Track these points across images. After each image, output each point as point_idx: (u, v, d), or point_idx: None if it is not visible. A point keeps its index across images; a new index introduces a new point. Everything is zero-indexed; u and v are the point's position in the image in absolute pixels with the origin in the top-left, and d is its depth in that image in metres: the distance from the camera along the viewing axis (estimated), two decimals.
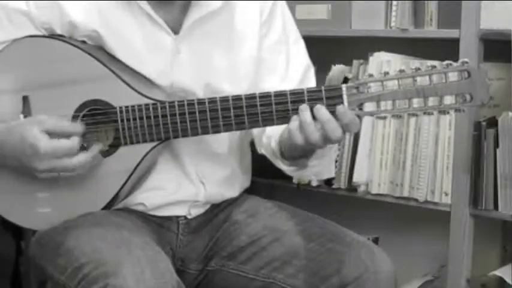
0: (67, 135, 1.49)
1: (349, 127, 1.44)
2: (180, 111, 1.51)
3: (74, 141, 1.49)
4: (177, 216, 1.67)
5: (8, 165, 1.55)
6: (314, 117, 1.44)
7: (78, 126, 1.52)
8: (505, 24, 2.05)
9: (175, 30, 1.59)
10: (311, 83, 1.72)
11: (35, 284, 2.48)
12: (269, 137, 1.63)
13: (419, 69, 1.43)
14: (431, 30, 2.24)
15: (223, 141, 1.66)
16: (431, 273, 2.39)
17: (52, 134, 1.49)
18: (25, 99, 1.57)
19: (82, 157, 1.50)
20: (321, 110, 1.44)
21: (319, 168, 1.61)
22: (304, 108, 1.45)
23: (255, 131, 1.67)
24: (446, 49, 2.12)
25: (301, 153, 1.52)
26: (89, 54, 1.55)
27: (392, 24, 2.28)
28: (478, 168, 2.10)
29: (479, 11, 2.09)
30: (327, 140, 1.44)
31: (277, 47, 1.68)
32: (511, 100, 2.08)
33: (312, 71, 1.74)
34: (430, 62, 2.16)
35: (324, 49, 2.26)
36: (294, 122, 1.46)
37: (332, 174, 1.77)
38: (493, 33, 2.07)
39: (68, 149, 1.48)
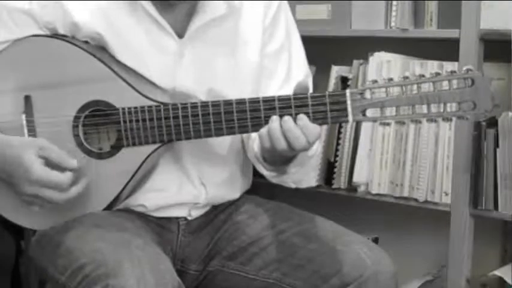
0: (62, 169, 1.49)
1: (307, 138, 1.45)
2: (183, 113, 1.50)
3: (67, 177, 1.49)
4: (177, 218, 1.66)
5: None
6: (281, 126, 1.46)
7: (75, 163, 1.51)
8: (505, 24, 2.04)
9: (180, 35, 1.58)
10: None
11: (35, 284, 2.48)
12: (253, 140, 1.63)
13: (423, 76, 1.43)
14: (431, 30, 2.24)
15: (225, 143, 1.66)
16: (431, 273, 2.39)
17: (48, 162, 1.49)
18: (27, 99, 1.57)
19: (72, 192, 1.51)
20: (288, 122, 1.45)
21: (299, 176, 1.64)
22: (274, 119, 1.46)
23: (245, 136, 1.67)
24: (446, 49, 2.13)
25: (281, 157, 1.52)
26: (92, 55, 1.55)
27: (392, 24, 2.28)
28: (478, 168, 2.10)
29: (479, 11, 2.09)
30: (291, 147, 1.45)
31: (278, 55, 1.67)
32: (511, 100, 2.08)
33: (310, 80, 1.73)
34: (430, 62, 2.20)
35: (324, 49, 2.26)
36: (265, 128, 1.47)
37: (312, 184, 1.76)
38: (493, 33, 2.07)
39: (59, 183, 1.48)
